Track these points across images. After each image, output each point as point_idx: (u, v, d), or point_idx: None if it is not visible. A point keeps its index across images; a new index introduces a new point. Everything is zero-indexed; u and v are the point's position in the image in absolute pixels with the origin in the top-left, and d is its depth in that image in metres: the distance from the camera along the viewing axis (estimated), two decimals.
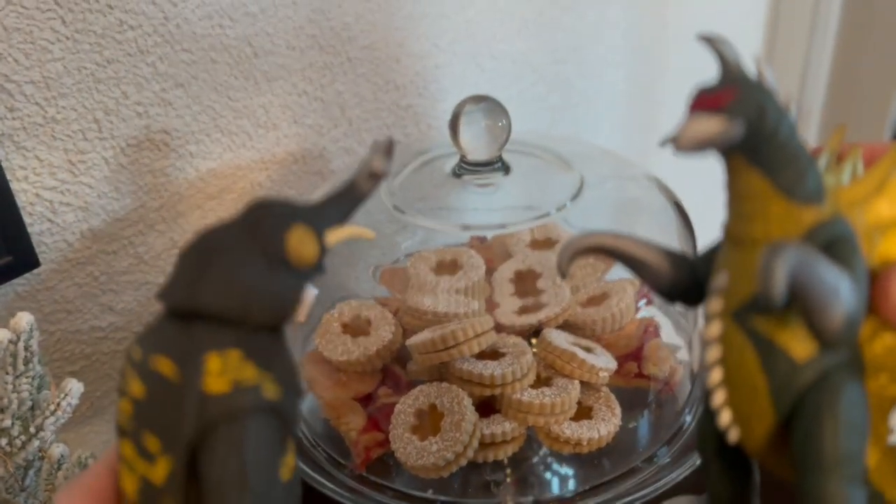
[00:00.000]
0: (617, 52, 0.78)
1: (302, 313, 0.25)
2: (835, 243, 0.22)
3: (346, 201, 0.26)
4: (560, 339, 0.42)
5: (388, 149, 0.27)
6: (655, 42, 0.84)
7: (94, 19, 0.41)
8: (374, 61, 0.57)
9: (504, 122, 0.43)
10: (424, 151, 0.49)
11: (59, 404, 0.37)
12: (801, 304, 0.20)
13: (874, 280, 0.23)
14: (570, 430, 0.40)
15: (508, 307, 0.44)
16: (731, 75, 0.22)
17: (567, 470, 0.42)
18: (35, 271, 0.43)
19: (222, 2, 0.47)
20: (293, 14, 0.51)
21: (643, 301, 0.46)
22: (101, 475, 0.25)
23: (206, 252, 0.25)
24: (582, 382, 0.41)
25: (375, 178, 0.26)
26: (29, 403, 0.37)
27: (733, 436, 0.24)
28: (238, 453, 0.22)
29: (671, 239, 0.48)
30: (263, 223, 0.24)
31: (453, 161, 0.46)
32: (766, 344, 0.22)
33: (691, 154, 0.21)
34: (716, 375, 0.23)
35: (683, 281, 0.25)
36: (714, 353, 0.23)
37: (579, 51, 0.73)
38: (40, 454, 0.37)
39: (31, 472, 0.38)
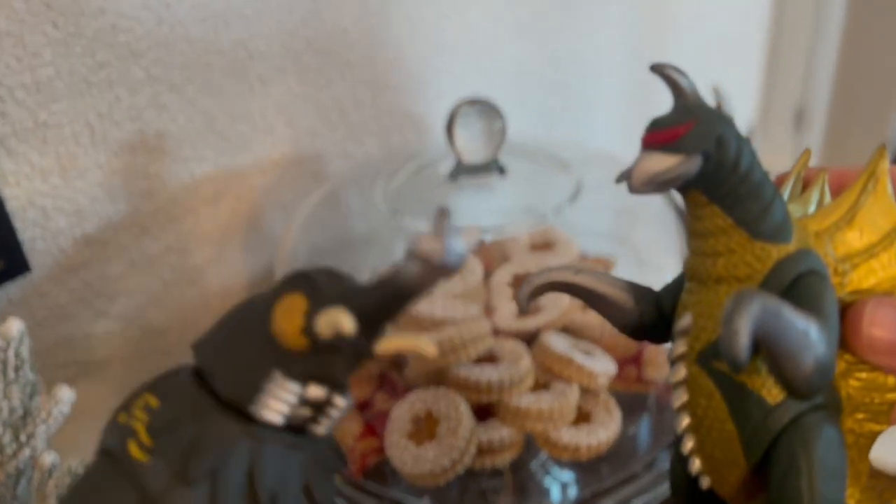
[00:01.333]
0: (616, 54, 0.78)
1: (322, 426, 0.22)
2: (803, 279, 0.20)
3: (382, 289, 0.21)
4: (558, 343, 0.41)
5: (437, 224, 0.21)
6: (655, 44, 0.83)
7: (87, 23, 0.41)
8: (371, 64, 0.56)
9: (499, 124, 0.42)
10: (421, 154, 0.49)
11: (50, 412, 0.36)
12: (768, 354, 0.18)
13: (844, 315, 0.22)
14: (569, 435, 0.39)
15: (506, 311, 0.43)
16: (687, 106, 0.21)
17: (566, 476, 0.42)
18: (27, 277, 0.43)
19: (216, 5, 0.46)
20: (288, 17, 0.50)
21: None
22: None
23: (238, 304, 0.23)
24: (581, 387, 0.41)
25: (413, 259, 0.20)
26: (20, 411, 0.36)
27: (705, 483, 0.23)
28: (75, 485, 0.22)
29: (670, 242, 0.48)
30: (281, 283, 0.21)
31: (450, 164, 0.45)
32: (735, 388, 0.21)
33: (645, 193, 0.20)
34: (683, 421, 0.22)
35: (649, 315, 0.24)
36: (680, 397, 0.22)
37: (578, 53, 0.73)
38: (32, 463, 0.37)
39: (22, 481, 0.37)
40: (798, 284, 0.20)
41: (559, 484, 0.42)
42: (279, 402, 0.21)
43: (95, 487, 0.21)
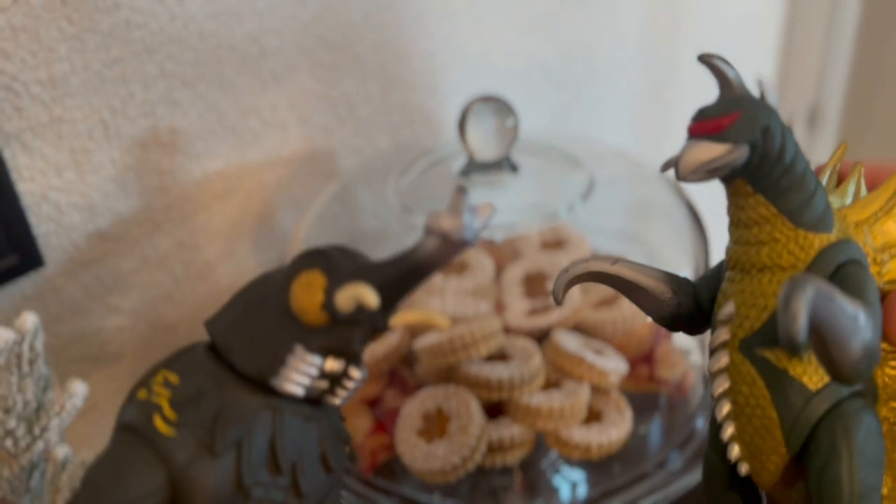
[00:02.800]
0: (628, 50, 0.77)
1: (339, 397, 0.23)
2: (845, 268, 0.21)
3: (399, 266, 0.21)
4: (570, 341, 0.41)
5: (455, 201, 0.21)
6: (667, 41, 0.83)
7: (101, 18, 0.41)
8: (383, 60, 0.56)
9: (512, 121, 0.42)
10: (433, 151, 0.49)
11: (63, 406, 0.37)
12: (817, 339, 0.18)
13: (882, 303, 0.22)
14: (580, 434, 0.39)
15: (517, 309, 0.43)
16: (733, 96, 0.21)
17: (576, 475, 0.41)
18: (41, 272, 0.43)
19: (229, 0, 0.46)
20: (300, 12, 0.50)
21: None
22: None
23: (251, 281, 0.23)
24: (592, 386, 0.41)
25: (431, 235, 0.21)
26: (34, 404, 0.36)
27: (743, 469, 0.23)
28: (98, 461, 0.22)
29: (684, 239, 0.48)
30: (296, 260, 0.22)
31: (462, 161, 0.45)
32: (777, 374, 0.21)
33: (693, 182, 0.20)
34: (724, 408, 0.22)
35: (686, 306, 0.24)
36: (721, 385, 0.22)
37: (590, 50, 0.73)
38: (45, 456, 0.37)
39: (36, 474, 0.37)
40: (840, 273, 0.21)
41: (569, 483, 0.42)
42: (300, 374, 0.22)
43: (120, 462, 0.21)
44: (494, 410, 0.40)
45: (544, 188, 0.45)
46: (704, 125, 0.20)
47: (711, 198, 0.55)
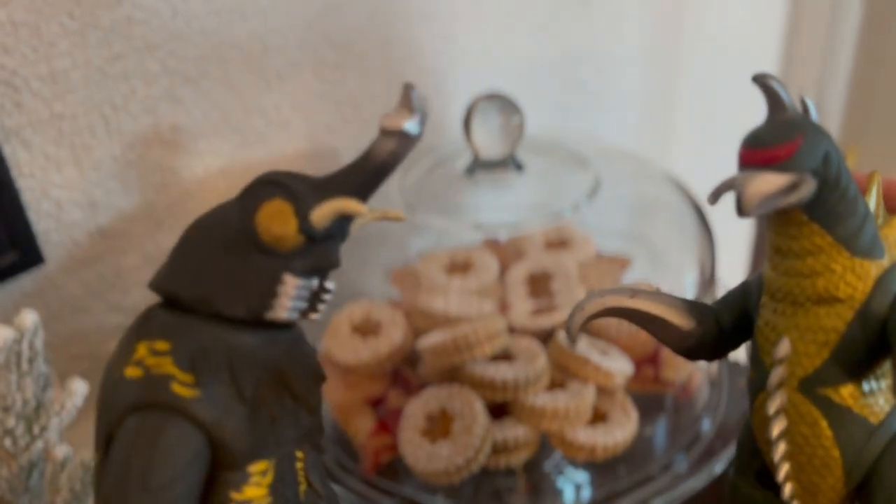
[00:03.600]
0: (632, 49, 0.77)
1: (317, 311, 0.23)
2: None
3: (360, 171, 0.23)
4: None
5: (406, 98, 0.23)
6: (672, 39, 0.83)
7: (103, 14, 0.41)
8: (387, 59, 0.56)
9: (517, 119, 0.42)
10: (437, 149, 0.49)
11: (63, 405, 0.36)
12: None
13: None
14: (585, 435, 0.39)
15: (522, 309, 0.43)
16: (789, 120, 0.19)
17: (581, 477, 0.41)
18: (42, 269, 0.42)
19: None
20: (305, 10, 0.50)
21: None
22: None
23: (188, 230, 0.23)
24: (597, 387, 0.40)
25: (390, 136, 0.23)
26: (33, 403, 0.36)
27: None
28: (125, 447, 0.21)
29: (689, 239, 0.47)
30: (243, 196, 0.23)
31: (466, 159, 0.45)
32: (841, 412, 0.20)
33: (758, 215, 0.19)
34: (780, 449, 0.22)
35: (710, 335, 0.23)
36: (778, 426, 0.21)
37: (594, 48, 0.72)
38: (45, 455, 0.37)
39: (35, 473, 0.37)
40: None
41: (574, 484, 0.41)
42: (294, 300, 0.22)
43: (154, 439, 0.21)
44: (499, 411, 0.39)
45: (549, 187, 0.45)
46: (763, 154, 0.19)
47: (723, 199, 0.54)
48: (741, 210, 0.19)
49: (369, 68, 0.55)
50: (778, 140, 0.19)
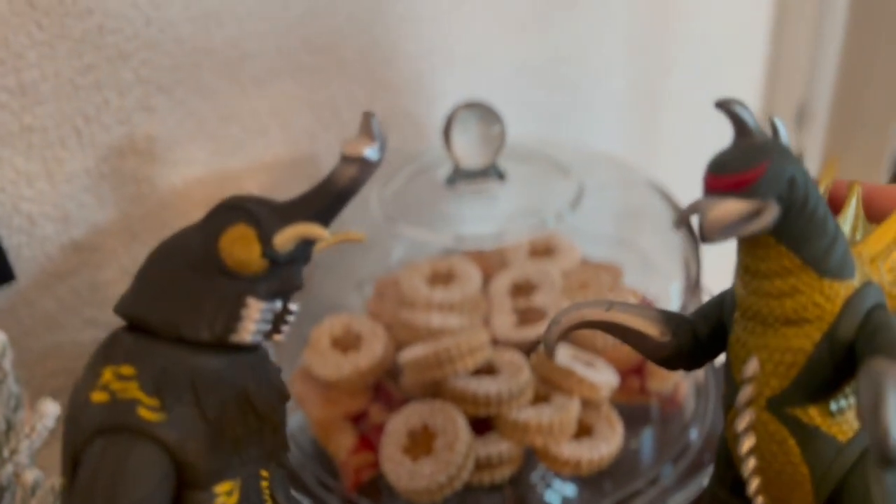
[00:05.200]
0: (618, 53, 0.76)
1: (250, 332, 0.23)
2: (872, 316, 0.20)
3: (321, 196, 0.24)
4: (559, 353, 0.40)
5: (367, 126, 0.24)
6: (657, 43, 0.82)
7: (72, 24, 0.40)
8: (367, 64, 0.55)
9: (498, 128, 0.41)
10: (417, 158, 0.48)
11: (34, 427, 0.35)
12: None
13: None
14: (570, 450, 0.38)
15: (505, 320, 0.42)
16: (755, 144, 0.19)
17: (567, 492, 0.40)
18: (14, 285, 0.41)
19: (207, 4, 0.45)
20: (282, 15, 0.49)
21: None
22: None
23: (153, 253, 0.24)
24: (582, 399, 0.40)
25: (349, 162, 0.23)
26: (3, 426, 0.35)
27: None
28: (93, 471, 0.21)
29: (674, 245, 0.47)
30: (206, 220, 0.23)
31: (447, 168, 0.44)
32: (809, 431, 0.21)
33: (720, 241, 0.19)
34: (750, 464, 0.22)
35: (686, 346, 0.24)
36: (748, 443, 0.21)
37: (579, 53, 0.71)
38: (14, 479, 0.36)
39: (5, 498, 0.36)
40: (869, 323, 0.20)
41: (560, 499, 0.40)
42: (258, 323, 0.23)
43: (120, 463, 0.21)
44: (482, 426, 0.39)
45: (532, 196, 0.44)
46: (727, 180, 0.19)
47: None
48: (703, 237, 0.19)
49: (349, 73, 0.54)
50: (742, 166, 0.19)
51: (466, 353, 0.38)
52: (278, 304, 0.23)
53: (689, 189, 0.54)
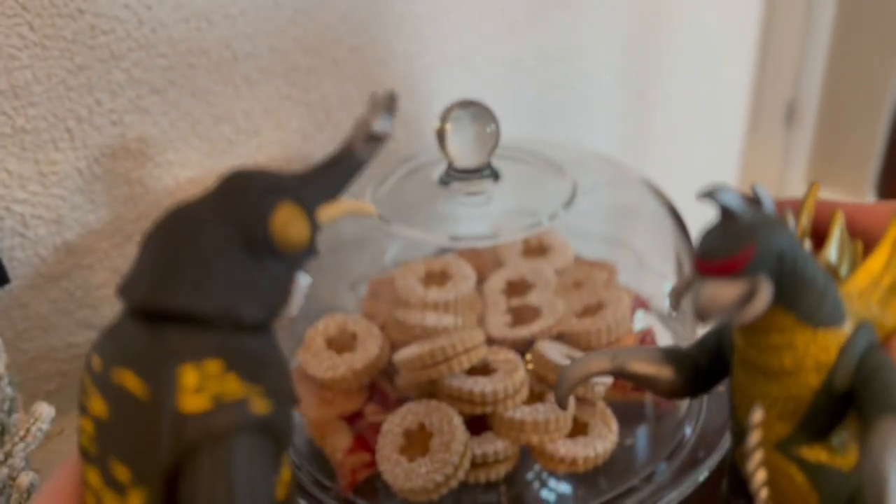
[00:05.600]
0: (608, 52, 0.77)
1: (293, 306, 0.23)
2: (866, 359, 0.21)
3: (340, 170, 0.23)
4: (554, 351, 0.40)
5: (389, 104, 0.24)
6: (648, 42, 0.82)
7: (64, 24, 0.40)
8: (361, 63, 0.55)
9: (493, 127, 0.41)
10: (411, 158, 0.48)
11: (29, 430, 0.35)
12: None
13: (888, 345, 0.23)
14: (566, 448, 0.38)
15: (500, 319, 0.42)
16: (741, 227, 0.20)
17: (563, 489, 0.41)
18: (6, 288, 0.41)
19: (200, 4, 0.45)
20: (275, 15, 0.49)
21: (640, 310, 0.45)
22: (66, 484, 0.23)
23: (175, 237, 0.21)
24: (577, 397, 0.40)
25: (375, 140, 0.23)
26: None
27: None
28: (226, 478, 0.19)
29: (667, 244, 0.47)
30: (242, 202, 0.21)
31: (441, 168, 0.44)
32: (815, 467, 0.22)
33: (717, 321, 0.20)
34: (762, 494, 0.23)
35: (691, 379, 0.25)
36: (759, 478, 0.23)
37: (571, 52, 0.72)
38: (9, 482, 0.36)
39: (2, 499, 0.36)
40: (864, 367, 0.21)
41: (555, 497, 0.41)
42: (298, 297, 0.22)
43: (253, 462, 0.20)
44: (478, 425, 0.39)
45: (527, 195, 0.44)
46: (718, 265, 0.20)
47: (694, 202, 0.54)
48: (698, 317, 0.20)
49: (343, 73, 0.54)
50: (731, 251, 0.19)
51: (462, 352, 0.38)
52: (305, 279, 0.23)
53: (681, 186, 0.54)
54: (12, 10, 0.38)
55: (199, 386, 0.20)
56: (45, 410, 0.35)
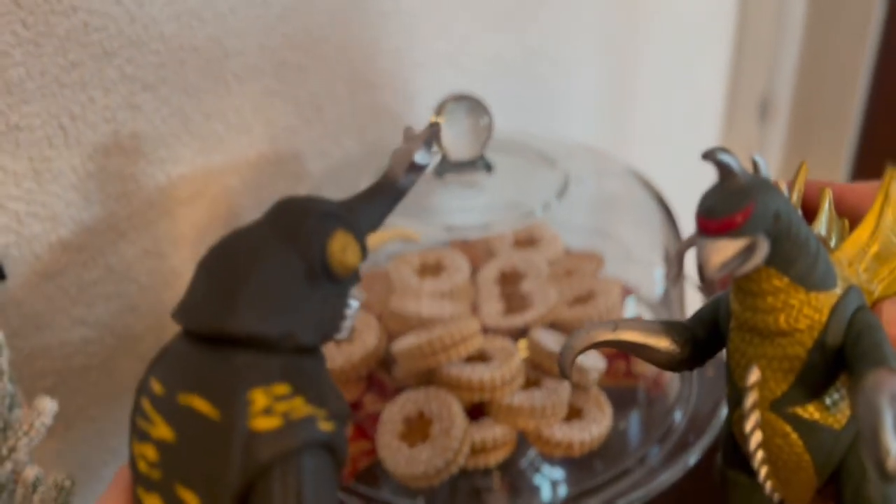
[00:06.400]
0: (590, 48, 0.78)
1: (345, 329, 0.24)
2: (855, 317, 0.22)
3: (384, 198, 0.24)
4: (548, 339, 0.41)
5: (429, 136, 0.25)
6: (626, 36, 0.84)
7: (57, 21, 0.40)
8: (348, 60, 0.56)
9: (486, 120, 0.42)
10: None
11: (32, 424, 0.35)
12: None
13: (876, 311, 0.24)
14: (562, 432, 0.39)
15: (494, 308, 0.43)
16: (740, 186, 0.21)
17: (558, 473, 0.41)
18: (1, 285, 0.41)
19: (191, 2, 0.45)
20: (265, 13, 0.49)
21: (630, 298, 0.46)
22: None
23: (236, 262, 0.22)
24: (571, 383, 0.41)
25: (416, 170, 0.24)
26: (0, 424, 0.35)
27: (777, 498, 0.25)
28: (297, 495, 0.20)
29: (654, 231, 0.48)
30: (301, 229, 0.22)
31: (435, 160, 0.45)
32: (808, 425, 0.23)
33: (718, 278, 0.21)
34: (758, 456, 0.24)
35: (687, 351, 0.26)
36: (755, 439, 0.24)
37: (553, 48, 0.73)
38: (14, 477, 0.36)
39: (4, 496, 0.36)
40: (854, 326, 0.22)
41: (550, 481, 0.41)
42: (349, 320, 0.23)
43: (321, 478, 0.21)
44: (475, 411, 0.39)
45: (519, 186, 0.45)
46: (718, 223, 0.20)
47: (676, 187, 0.55)
48: (702, 276, 0.21)
49: (331, 70, 0.55)
50: (731, 209, 0.20)
51: (459, 341, 0.39)
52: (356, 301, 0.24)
53: (663, 176, 0.55)
54: (5, 8, 0.38)
55: (269, 407, 0.20)
56: (48, 405, 0.35)
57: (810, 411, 0.23)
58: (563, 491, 0.41)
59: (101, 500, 0.23)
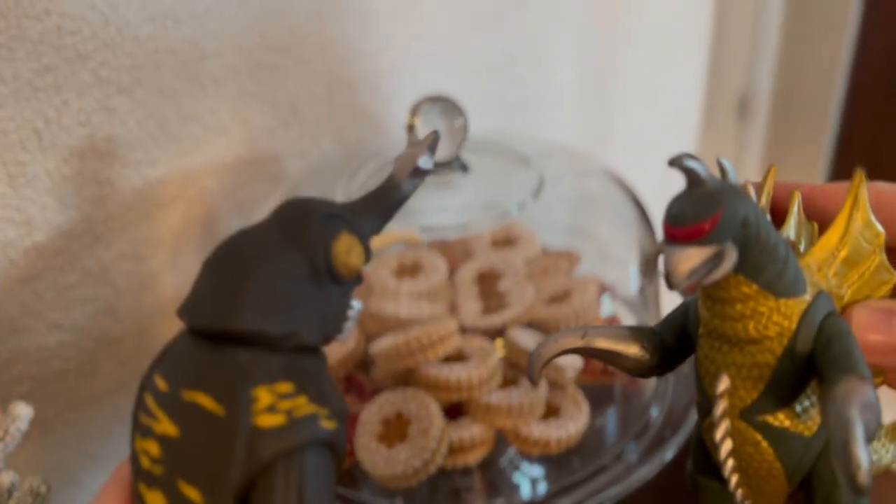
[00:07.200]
0: (568, 49, 0.78)
1: (347, 330, 0.24)
2: (825, 324, 0.22)
3: (387, 202, 0.25)
4: (525, 338, 0.41)
5: (432, 143, 0.25)
6: (604, 36, 0.84)
7: (30, 25, 0.39)
8: (326, 61, 0.56)
9: (461, 121, 0.42)
10: (381, 153, 0.49)
11: (7, 430, 0.35)
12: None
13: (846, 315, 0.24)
14: (539, 430, 0.40)
15: (472, 308, 0.43)
16: (708, 193, 0.20)
17: (537, 471, 0.42)
18: None
19: (166, 3, 0.45)
20: (240, 13, 0.49)
21: (606, 296, 0.46)
22: None
23: (240, 262, 0.22)
24: (549, 381, 0.41)
25: (418, 175, 0.25)
26: None
27: None
28: (299, 492, 0.20)
29: (630, 232, 0.48)
30: (306, 230, 0.22)
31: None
32: (778, 433, 0.23)
33: (685, 286, 0.21)
34: (729, 464, 0.24)
35: (657, 358, 0.26)
36: (725, 447, 0.24)
37: (531, 49, 0.73)
38: None
39: None
40: (824, 332, 0.22)
41: (529, 479, 0.42)
42: (351, 321, 0.24)
43: (321, 475, 0.21)
44: (454, 411, 0.40)
45: (495, 187, 0.45)
46: (686, 231, 0.20)
47: (656, 191, 0.56)
48: (669, 284, 0.20)
49: (309, 71, 0.55)
50: (698, 216, 0.20)
51: (437, 341, 0.39)
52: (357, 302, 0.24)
53: (640, 177, 0.55)
54: None
55: (273, 405, 0.21)
56: (23, 410, 0.35)
57: (780, 419, 0.23)
58: (542, 488, 0.41)
59: (99, 495, 0.23)
